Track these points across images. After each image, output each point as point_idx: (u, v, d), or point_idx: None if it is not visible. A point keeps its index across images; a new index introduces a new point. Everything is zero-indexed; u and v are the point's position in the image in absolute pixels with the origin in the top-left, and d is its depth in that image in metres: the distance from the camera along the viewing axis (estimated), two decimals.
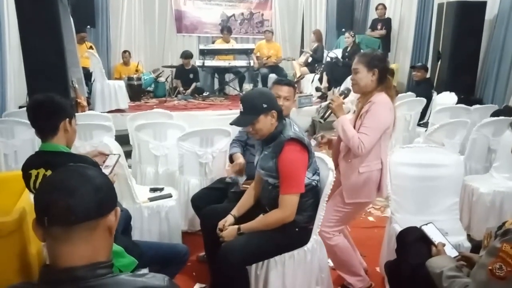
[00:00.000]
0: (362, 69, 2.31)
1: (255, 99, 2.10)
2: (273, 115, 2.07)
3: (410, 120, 4.99)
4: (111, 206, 1.00)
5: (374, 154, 2.32)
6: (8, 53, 4.46)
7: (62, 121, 1.90)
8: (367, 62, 2.30)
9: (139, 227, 2.83)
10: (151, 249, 2.14)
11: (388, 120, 2.29)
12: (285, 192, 2.04)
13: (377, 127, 2.25)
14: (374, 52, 2.41)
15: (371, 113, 2.25)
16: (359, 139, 2.22)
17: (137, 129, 3.56)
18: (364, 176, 2.32)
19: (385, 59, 2.37)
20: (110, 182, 1.03)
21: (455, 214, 2.52)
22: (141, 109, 6.46)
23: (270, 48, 7.93)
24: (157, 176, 3.63)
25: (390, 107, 2.30)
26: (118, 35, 8.24)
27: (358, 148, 2.22)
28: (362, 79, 2.31)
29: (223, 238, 2.12)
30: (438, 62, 6.28)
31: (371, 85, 2.31)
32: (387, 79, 2.35)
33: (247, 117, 2.08)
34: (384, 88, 2.33)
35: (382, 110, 2.26)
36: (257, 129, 2.08)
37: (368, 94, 2.33)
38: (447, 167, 2.54)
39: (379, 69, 2.29)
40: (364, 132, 2.23)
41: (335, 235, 2.41)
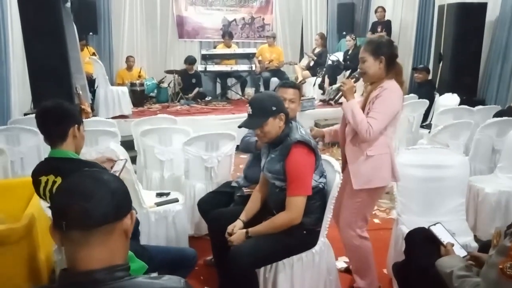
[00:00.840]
0: (369, 58, 2.28)
1: (265, 101, 2.11)
2: (281, 117, 2.09)
3: (413, 121, 5.00)
4: (127, 209, 1.02)
5: (383, 137, 2.29)
6: (12, 60, 4.49)
7: (71, 127, 1.92)
8: (373, 50, 2.27)
9: (146, 231, 2.84)
10: (159, 253, 2.15)
11: (398, 106, 2.26)
12: (292, 194, 2.06)
13: (387, 112, 2.23)
14: (380, 38, 2.35)
15: (382, 98, 2.22)
16: (368, 123, 2.19)
17: (142, 134, 3.58)
18: (372, 160, 2.27)
19: (392, 45, 2.32)
20: (125, 186, 1.05)
21: (461, 214, 2.53)
22: (145, 115, 6.49)
23: (272, 52, 7.96)
24: (163, 181, 3.64)
25: (400, 93, 2.27)
26: (121, 41, 8.28)
27: (366, 132, 2.18)
28: (370, 68, 2.28)
29: (231, 242, 2.13)
30: (440, 64, 6.30)
31: (380, 72, 2.28)
32: (395, 64, 2.32)
33: (256, 119, 2.09)
34: (394, 74, 2.30)
35: (392, 96, 2.24)
36: (265, 131, 2.09)
37: (378, 82, 2.30)
38: (452, 168, 2.55)
39: (386, 56, 2.26)
40: (374, 117, 2.20)
41: (363, 235, 2.39)
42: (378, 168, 2.29)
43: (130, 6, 8.33)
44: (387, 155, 2.31)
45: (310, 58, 8.12)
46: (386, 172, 2.32)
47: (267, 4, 9.21)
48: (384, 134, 2.28)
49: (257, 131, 2.14)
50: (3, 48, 4.15)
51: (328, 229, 2.28)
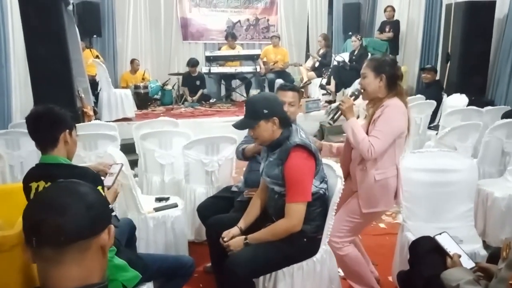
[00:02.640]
0: (370, 74, 2.25)
1: (257, 104, 2.06)
2: (274, 121, 2.02)
3: (420, 123, 4.89)
4: (104, 224, 0.95)
5: (389, 160, 2.24)
6: (13, 63, 4.47)
7: (62, 132, 1.86)
8: (375, 67, 2.24)
9: (144, 237, 2.77)
10: (155, 261, 2.09)
11: (402, 124, 2.21)
12: (291, 200, 1.98)
13: (390, 131, 2.18)
14: (383, 57, 2.36)
15: (383, 116, 2.17)
16: (369, 142, 2.14)
17: (143, 138, 3.52)
18: (380, 184, 2.24)
19: (395, 65, 2.29)
20: (103, 199, 0.98)
21: (470, 220, 2.43)
22: (148, 117, 6.44)
23: (277, 53, 7.89)
24: (163, 185, 3.58)
25: (403, 111, 2.22)
26: (125, 43, 8.25)
27: (368, 152, 2.14)
28: (369, 85, 2.25)
29: (229, 247, 2.06)
30: (448, 64, 6.18)
31: (379, 91, 2.24)
32: (397, 85, 2.27)
33: (247, 121, 2.06)
34: (395, 94, 2.26)
35: (395, 114, 2.19)
36: (256, 134, 2.05)
37: (378, 101, 2.26)
38: (460, 172, 2.46)
39: (387, 74, 2.22)
40: (375, 136, 2.16)
41: (345, 245, 2.33)
42: (385, 192, 2.25)
43: (134, 9, 8.31)
44: (394, 178, 2.27)
45: (315, 59, 8.04)
46: (392, 196, 2.28)
47: (271, 5, 9.15)
48: (391, 155, 2.23)
49: (250, 132, 2.09)
50: (3, 51, 4.13)
51: None
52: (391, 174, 2.26)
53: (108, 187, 2.05)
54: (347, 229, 2.32)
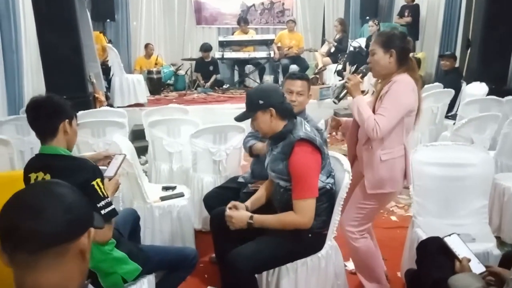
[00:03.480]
0: (378, 50, 2.11)
1: (253, 95, 2.01)
2: (271, 112, 1.95)
3: (437, 112, 4.72)
4: (84, 227, 0.90)
5: (397, 139, 2.12)
6: (24, 49, 4.45)
7: (62, 122, 1.82)
8: (383, 42, 2.10)
9: (150, 227, 2.76)
10: (157, 253, 2.06)
11: (410, 101, 2.07)
12: (299, 197, 1.91)
13: (396, 108, 2.04)
14: (392, 31, 2.18)
15: (390, 92, 2.05)
16: (374, 121, 2.02)
17: (151, 125, 3.49)
18: (387, 164, 2.12)
19: (404, 38, 2.14)
20: (83, 200, 0.92)
21: (484, 217, 2.33)
22: (161, 103, 6.44)
23: (291, 39, 7.74)
24: (172, 173, 3.56)
25: (412, 87, 2.08)
26: (138, 28, 8.21)
27: (373, 131, 2.01)
28: (378, 61, 2.12)
29: (231, 219, 1.99)
30: (468, 50, 5.95)
31: (389, 67, 2.11)
32: (408, 60, 2.14)
33: (245, 113, 2.02)
34: (406, 70, 2.12)
35: (402, 90, 2.05)
36: (256, 126, 2.01)
37: (387, 77, 2.13)
38: (475, 167, 2.35)
39: (396, 49, 2.08)
40: (381, 113, 2.03)
41: (362, 235, 2.25)
42: (391, 173, 2.14)
43: None
44: (402, 158, 2.15)
45: (330, 44, 7.86)
46: (399, 177, 2.16)
47: None
48: (399, 134, 2.11)
49: (251, 125, 2.05)
50: (13, 37, 4.10)
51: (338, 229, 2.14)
52: (398, 154, 2.14)
53: (110, 177, 2.01)
54: (361, 216, 2.23)
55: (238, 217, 2.00)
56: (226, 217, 2.02)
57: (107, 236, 1.78)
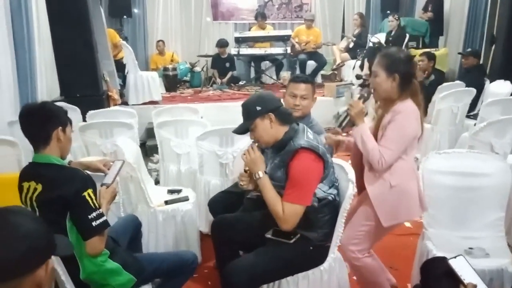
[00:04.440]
0: (381, 73, 2.02)
1: (249, 103, 1.93)
2: (270, 118, 1.87)
3: (457, 112, 4.53)
4: (41, 259, 0.84)
5: (404, 163, 2.03)
6: (37, 46, 4.48)
7: (55, 129, 1.78)
8: (387, 65, 2.01)
9: (154, 231, 2.72)
10: (154, 262, 2.01)
11: (415, 131, 2.01)
12: (289, 200, 1.81)
13: (402, 140, 1.98)
14: (397, 52, 2.08)
15: (395, 124, 1.97)
16: (379, 153, 1.95)
17: (158, 126, 3.44)
18: (398, 190, 2.02)
19: (409, 62, 2.05)
20: (42, 229, 0.86)
21: (499, 230, 2.19)
22: (175, 101, 6.42)
23: (309, 34, 7.58)
24: (180, 175, 3.51)
25: (416, 116, 2.01)
26: (155, 24, 8.19)
27: (379, 164, 1.95)
28: (381, 84, 2.03)
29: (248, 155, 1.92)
30: (492, 47, 5.69)
31: (392, 91, 2.02)
32: (411, 84, 2.04)
33: (244, 123, 1.94)
34: (409, 94, 2.03)
35: (407, 121, 1.98)
36: (257, 136, 1.92)
37: (389, 102, 2.04)
38: (491, 176, 2.21)
39: (400, 74, 1.99)
40: (386, 146, 1.96)
41: (363, 255, 2.13)
42: (405, 199, 2.03)
43: None
44: (414, 181, 2.05)
45: (349, 39, 7.67)
46: (415, 202, 2.04)
47: None
48: (405, 159, 2.02)
49: (251, 136, 1.96)
50: (25, 35, 4.12)
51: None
52: (408, 177, 2.04)
53: (107, 185, 1.97)
54: (363, 235, 2.12)
55: (255, 159, 1.91)
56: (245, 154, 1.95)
57: (99, 248, 1.75)
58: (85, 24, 4.61)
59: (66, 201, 1.68)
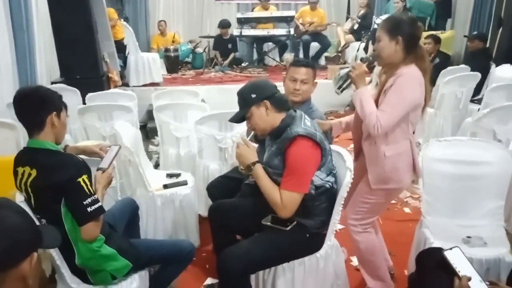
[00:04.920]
0: (384, 37, 1.94)
1: (244, 91, 1.90)
2: (266, 105, 1.85)
3: (461, 97, 4.46)
4: (25, 252, 0.83)
5: (401, 134, 1.99)
6: (36, 28, 4.41)
7: (49, 114, 1.75)
8: (389, 28, 1.93)
9: (152, 215, 2.72)
10: (150, 248, 2.01)
11: (416, 96, 1.92)
12: (286, 187, 1.79)
13: (401, 104, 1.90)
14: (401, 16, 2.02)
15: (395, 87, 1.90)
16: (376, 117, 1.89)
17: (157, 110, 3.41)
18: (391, 160, 2.00)
19: (414, 24, 1.96)
20: (27, 222, 0.85)
21: (498, 219, 2.17)
22: (177, 82, 6.37)
23: (313, 16, 7.44)
24: (180, 158, 3.49)
25: (419, 81, 1.93)
26: (156, 4, 8.06)
27: (374, 127, 1.89)
28: (384, 49, 1.95)
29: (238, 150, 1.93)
30: (499, 30, 5.57)
31: (396, 56, 1.95)
32: (417, 48, 1.97)
33: (239, 112, 1.91)
34: (414, 59, 1.96)
35: (408, 84, 1.90)
36: (253, 124, 1.89)
37: (394, 67, 1.97)
38: (491, 165, 2.18)
39: (404, 36, 1.91)
40: (384, 109, 1.90)
41: (365, 230, 2.15)
42: (396, 169, 2.01)
43: None
44: (407, 153, 2.01)
45: (354, 20, 7.54)
46: (405, 173, 2.03)
47: None
48: (403, 129, 1.97)
49: (248, 125, 1.93)
50: (23, 15, 4.06)
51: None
52: (402, 149, 2.01)
53: (103, 169, 1.96)
54: (364, 210, 2.13)
55: (245, 153, 1.91)
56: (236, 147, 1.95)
57: (94, 234, 1.74)
58: (84, 4, 4.54)
59: (60, 187, 1.67)
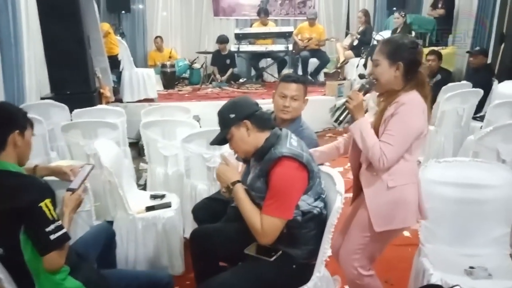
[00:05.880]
0: (383, 62, 1.81)
1: (223, 111, 1.77)
2: (246, 125, 1.71)
3: (463, 114, 4.30)
4: None
5: (405, 165, 1.83)
6: (26, 42, 4.32)
7: (11, 134, 1.62)
8: (389, 52, 1.80)
9: (133, 240, 2.55)
10: (122, 280, 1.84)
11: (420, 125, 1.80)
12: (268, 212, 1.64)
13: (406, 135, 1.77)
14: (401, 38, 1.89)
15: (398, 116, 1.76)
16: (380, 150, 1.75)
17: (144, 126, 3.26)
18: (395, 193, 1.83)
19: (415, 49, 1.83)
20: None
21: (504, 248, 1.99)
22: (172, 98, 6.27)
23: (312, 31, 7.36)
24: (167, 178, 3.34)
25: (423, 108, 1.80)
26: (154, 20, 8.02)
27: (379, 162, 1.75)
28: (382, 74, 1.82)
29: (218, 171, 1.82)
30: (502, 46, 5.45)
31: (396, 82, 1.82)
32: (417, 74, 1.84)
33: (220, 133, 1.78)
34: (414, 85, 1.83)
35: (412, 113, 1.77)
36: (235, 146, 1.77)
37: (393, 94, 1.84)
38: (496, 188, 2.00)
39: (405, 62, 1.79)
40: (388, 142, 1.75)
41: (367, 272, 1.95)
42: (402, 203, 1.83)
43: None
44: (414, 185, 1.85)
45: (353, 36, 7.45)
46: (412, 209, 1.85)
47: None
48: (408, 159, 1.82)
49: (230, 146, 1.80)
50: (12, 30, 3.97)
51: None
52: (408, 180, 1.84)
53: (73, 190, 1.81)
54: (362, 248, 1.94)
55: (224, 172, 1.78)
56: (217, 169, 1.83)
57: (58, 264, 1.58)
58: (76, 20, 4.44)
59: (20, 212, 1.53)
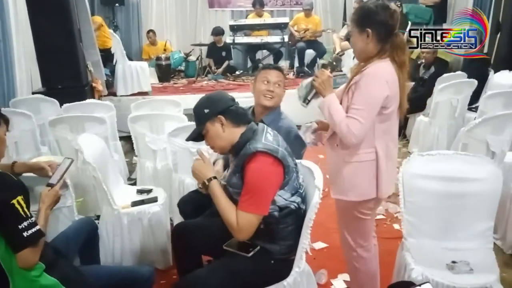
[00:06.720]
0: (354, 31, 1.80)
1: (198, 106, 1.74)
2: (221, 121, 1.68)
3: (457, 105, 4.26)
4: None
5: (364, 141, 1.81)
6: (15, 37, 4.29)
7: None
8: (357, 20, 1.79)
9: (119, 235, 2.54)
10: (101, 276, 1.83)
11: (382, 91, 1.73)
12: (242, 208, 1.62)
13: (370, 107, 1.73)
14: (368, 4, 1.79)
15: (359, 89, 1.73)
16: (347, 127, 1.72)
17: (132, 120, 3.24)
18: (351, 167, 1.83)
19: (384, 11, 1.74)
20: None
21: (488, 242, 1.96)
22: (167, 91, 6.23)
23: (308, 22, 7.28)
24: (156, 172, 3.33)
25: (387, 79, 1.74)
26: (149, 12, 7.94)
27: (348, 137, 1.74)
28: (356, 44, 1.81)
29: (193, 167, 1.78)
30: (498, 35, 5.37)
31: (369, 49, 1.78)
32: (392, 37, 1.76)
33: (195, 129, 1.75)
34: (390, 51, 1.77)
35: (373, 84, 1.73)
36: (211, 142, 1.74)
37: (366, 63, 1.80)
38: (480, 182, 1.97)
39: (374, 28, 1.74)
40: (354, 117, 1.72)
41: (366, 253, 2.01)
42: (355, 179, 1.84)
43: None
44: (372, 162, 1.82)
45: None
46: (366, 185, 1.84)
47: None
48: (370, 134, 1.79)
49: (206, 142, 1.77)
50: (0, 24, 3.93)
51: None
52: (365, 157, 1.83)
53: (51, 186, 1.80)
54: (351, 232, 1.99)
55: (199, 168, 1.75)
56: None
57: (32, 261, 1.57)
58: (66, 11, 4.40)
59: None
